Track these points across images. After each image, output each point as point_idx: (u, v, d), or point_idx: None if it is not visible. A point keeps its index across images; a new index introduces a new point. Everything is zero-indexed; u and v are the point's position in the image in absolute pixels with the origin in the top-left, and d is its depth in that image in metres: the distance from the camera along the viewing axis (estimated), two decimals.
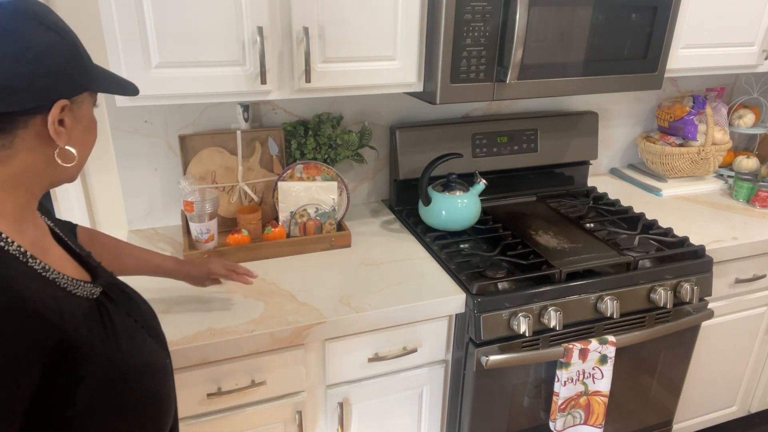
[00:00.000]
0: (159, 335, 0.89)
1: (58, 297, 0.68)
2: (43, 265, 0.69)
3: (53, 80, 0.68)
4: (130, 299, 0.86)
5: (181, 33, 1.26)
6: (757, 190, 1.98)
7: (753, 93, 2.27)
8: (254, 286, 1.44)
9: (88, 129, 0.77)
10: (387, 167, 1.96)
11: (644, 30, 1.60)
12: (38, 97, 0.67)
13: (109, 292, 0.80)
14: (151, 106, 1.61)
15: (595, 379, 1.53)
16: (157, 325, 0.92)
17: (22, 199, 0.72)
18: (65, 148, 0.72)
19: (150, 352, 0.82)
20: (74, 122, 0.73)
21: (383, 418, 1.52)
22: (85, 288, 0.75)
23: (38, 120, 0.68)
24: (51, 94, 0.68)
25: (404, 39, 1.44)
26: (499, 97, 1.52)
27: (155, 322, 0.92)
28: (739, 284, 1.84)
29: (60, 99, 0.69)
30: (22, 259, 0.67)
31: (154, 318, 0.92)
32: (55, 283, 0.70)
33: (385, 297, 1.41)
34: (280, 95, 1.41)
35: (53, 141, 0.70)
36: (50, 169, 0.73)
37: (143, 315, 0.87)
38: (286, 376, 1.35)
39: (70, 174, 0.78)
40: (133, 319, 0.82)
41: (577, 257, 1.58)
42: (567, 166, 2.07)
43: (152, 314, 0.92)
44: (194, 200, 1.50)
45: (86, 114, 0.76)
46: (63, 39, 0.70)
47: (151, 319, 0.90)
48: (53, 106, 0.68)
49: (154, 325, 0.90)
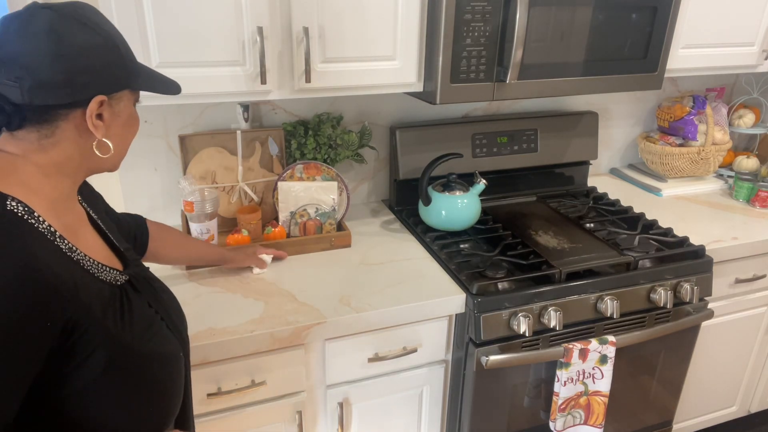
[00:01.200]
0: (178, 328, 0.93)
1: (77, 276, 0.72)
2: (70, 246, 0.74)
3: (91, 77, 0.73)
4: (156, 292, 0.91)
5: (181, 33, 1.26)
6: (757, 190, 1.98)
7: (753, 93, 2.27)
8: (254, 286, 1.44)
9: (127, 124, 0.82)
10: (387, 167, 1.96)
11: (644, 30, 1.60)
12: (77, 93, 0.72)
13: (135, 282, 0.85)
14: (151, 106, 1.60)
15: (595, 379, 1.53)
16: (180, 319, 0.96)
17: (61, 184, 0.77)
18: (102, 140, 0.77)
19: (163, 342, 0.85)
20: (113, 117, 0.78)
21: (383, 418, 1.52)
22: (110, 274, 0.80)
23: (78, 113, 0.74)
24: (89, 90, 0.73)
25: (404, 39, 1.44)
26: (499, 97, 1.52)
27: (178, 316, 0.96)
28: (739, 284, 1.84)
29: (98, 95, 0.74)
30: (50, 237, 0.71)
31: (178, 313, 0.96)
32: (79, 264, 0.75)
33: (385, 297, 1.41)
34: (280, 95, 1.41)
35: (92, 133, 0.76)
36: (89, 159, 0.78)
37: (165, 308, 0.91)
38: (286, 376, 1.35)
39: (111, 164, 0.83)
40: (154, 310, 0.86)
41: (577, 257, 1.58)
42: (567, 166, 2.07)
43: (177, 309, 0.97)
44: (194, 200, 1.50)
45: (125, 110, 0.80)
46: (104, 39, 0.74)
47: (174, 313, 0.94)
48: (91, 101, 0.73)
49: (175, 318, 0.93)
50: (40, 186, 0.74)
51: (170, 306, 0.94)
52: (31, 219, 0.70)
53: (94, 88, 0.73)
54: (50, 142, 0.74)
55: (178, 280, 1.45)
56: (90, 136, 0.76)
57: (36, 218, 0.71)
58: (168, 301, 0.95)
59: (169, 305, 0.94)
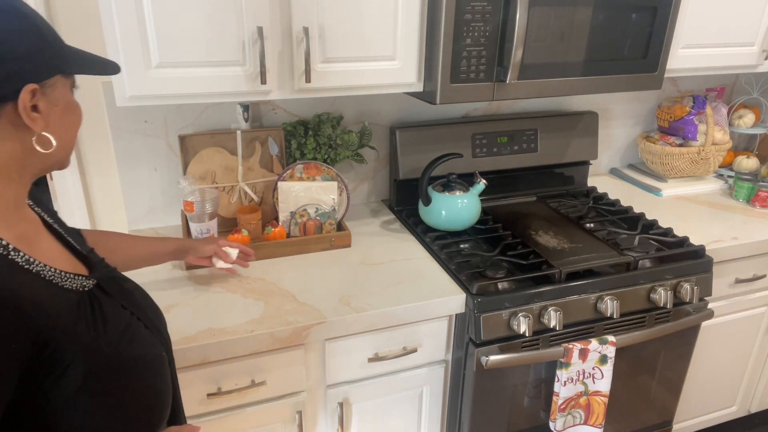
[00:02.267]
0: (158, 328, 0.89)
1: (40, 289, 0.68)
2: (27, 258, 0.69)
3: (17, 66, 0.67)
4: (128, 292, 0.86)
5: (181, 33, 1.26)
6: (757, 190, 1.98)
7: (753, 93, 2.27)
8: (254, 286, 1.44)
9: (66, 112, 0.75)
10: (387, 167, 1.96)
11: (644, 30, 1.60)
12: (4, 84, 0.66)
13: (104, 285, 0.80)
14: (151, 106, 1.61)
15: (595, 379, 1.53)
16: (158, 318, 0.92)
17: (8, 191, 0.71)
18: (43, 134, 0.71)
19: (143, 344, 0.81)
20: (49, 106, 0.71)
21: (383, 418, 1.52)
22: (75, 280, 0.75)
23: (10, 108, 0.68)
24: (17, 79, 0.67)
25: (404, 39, 1.44)
26: (499, 97, 1.52)
27: (156, 315, 0.91)
28: (739, 284, 1.84)
29: (28, 84, 0.68)
30: (3, 252, 0.67)
31: (155, 312, 0.92)
32: (40, 276, 0.70)
33: (385, 297, 1.41)
34: (280, 95, 1.41)
35: (29, 128, 0.69)
36: (32, 157, 0.72)
37: (141, 308, 0.86)
38: (286, 376, 1.35)
39: (57, 160, 0.76)
40: (129, 312, 0.82)
41: (577, 257, 1.58)
42: (567, 166, 2.07)
43: (153, 307, 0.92)
44: (194, 200, 1.50)
45: (62, 97, 0.74)
46: (23, 23, 0.69)
47: (151, 312, 0.90)
48: (22, 91, 0.67)
49: (153, 317, 0.89)
50: None
51: (146, 305, 0.90)
52: None
53: (22, 77, 0.67)
54: None
55: (178, 281, 1.45)
56: (28, 131, 0.70)
57: None
58: (143, 300, 0.90)
59: (145, 305, 0.89)
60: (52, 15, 1.44)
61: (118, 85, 1.27)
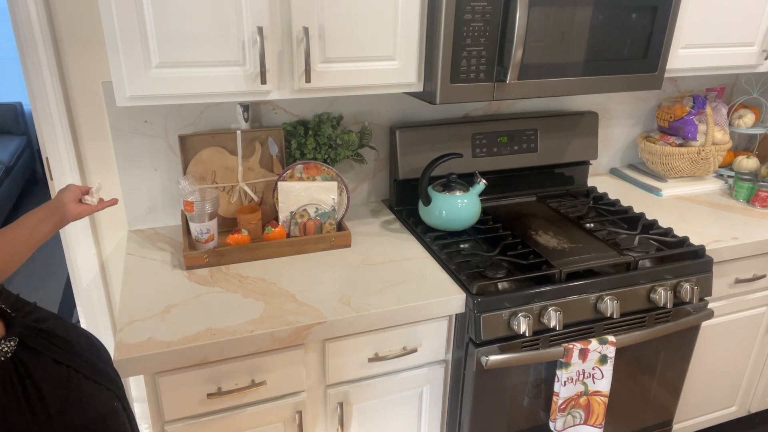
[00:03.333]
0: (102, 371, 0.79)
1: None
2: None
3: None
4: (58, 339, 0.76)
5: (181, 33, 1.26)
6: (757, 190, 1.98)
7: (753, 93, 2.27)
8: (254, 286, 1.44)
9: None
10: (387, 167, 1.96)
11: (644, 30, 1.60)
12: None
13: (28, 341, 0.71)
14: (151, 106, 1.61)
15: (595, 379, 1.53)
16: (100, 358, 0.81)
17: None
18: None
19: (91, 402, 0.73)
20: None
21: (383, 418, 1.52)
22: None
23: None
24: None
25: (404, 39, 1.44)
26: (499, 97, 1.52)
27: (97, 355, 0.81)
28: (739, 284, 1.84)
29: None
30: None
31: (94, 351, 0.81)
32: None
33: (385, 297, 1.41)
34: (280, 95, 1.41)
35: None
36: None
37: (77, 355, 0.77)
38: (286, 376, 1.35)
39: None
40: (64, 365, 0.73)
41: (577, 257, 1.58)
42: (567, 166, 2.07)
43: (91, 347, 0.81)
44: (194, 200, 1.50)
45: None
46: None
47: (91, 355, 0.80)
48: None
49: (94, 360, 0.79)
50: None
51: (83, 349, 0.79)
52: None
53: None
54: None
55: (178, 281, 1.45)
56: None
57: None
58: (78, 340, 0.79)
59: (81, 348, 0.78)
60: (52, 15, 1.44)
61: (118, 85, 1.27)
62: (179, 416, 1.29)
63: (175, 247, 1.63)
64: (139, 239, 1.67)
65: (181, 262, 1.53)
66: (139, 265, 1.52)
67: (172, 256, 1.58)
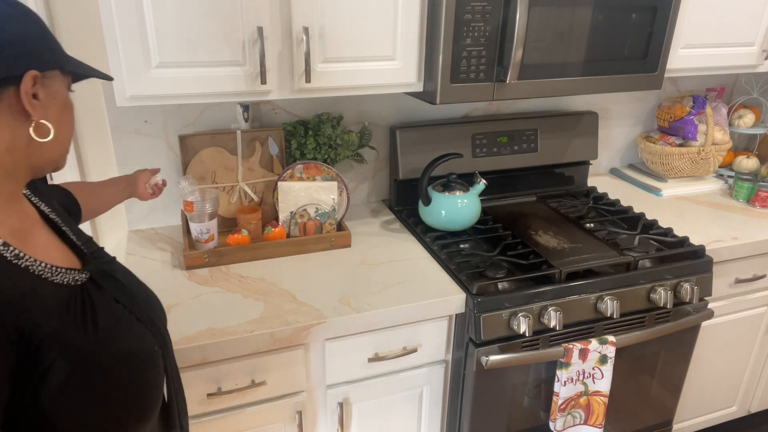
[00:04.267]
0: (152, 321, 0.89)
1: (25, 285, 0.69)
2: (17, 253, 0.70)
3: (21, 50, 0.69)
4: (121, 285, 0.86)
5: (181, 33, 1.26)
6: (757, 190, 1.98)
7: (753, 93, 2.27)
8: (254, 286, 1.44)
9: (63, 109, 0.77)
10: (387, 167, 1.96)
11: (644, 30, 1.60)
12: (7, 67, 0.68)
13: (97, 278, 0.80)
14: (151, 106, 1.61)
15: (595, 379, 1.53)
16: (153, 310, 0.91)
17: (5, 186, 0.73)
18: (41, 122, 0.72)
19: (134, 339, 0.81)
20: (48, 97, 0.73)
21: (383, 418, 1.52)
22: (66, 275, 0.75)
23: (11, 92, 0.69)
24: (19, 63, 0.69)
25: (404, 39, 1.44)
26: (499, 97, 1.52)
27: (152, 308, 0.91)
28: (739, 284, 1.84)
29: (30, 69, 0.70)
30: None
31: (151, 304, 0.92)
32: (28, 271, 0.70)
33: (385, 297, 1.41)
34: (280, 95, 1.41)
35: (28, 116, 0.71)
36: (28, 147, 0.73)
37: (135, 300, 0.87)
38: (286, 376, 1.35)
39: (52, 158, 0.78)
40: (121, 305, 0.82)
41: (577, 257, 1.58)
42: (567, 166, 2.07)
43: (149, 300, 0.92)
44: (194, 200, 1.50)
45: (60, 92, 0.76)
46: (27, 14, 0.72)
47: (147, 305, 0.90)
48: (24, 77, 0.69)
49: (147, 311, 0.89)
50: None
51: (141, 298, 0.90)
52: None
53: (24, 62, 0.70)
54: None
55: (179, 281, 1.45)
56: (26, 119, 0.71)
57: None
58: (138, 293, 0.90)
59: (140, 297, 0.89)
60: (52, 15, 1.44)
61: (118, 85, 1.27)
62: None
63: (175, 247, 1.63)
64: (139, 239, 1.67)
65: (181, 262, 1.53)
66: (139, 265, 1.52)
67: (172, 256, 1.58)
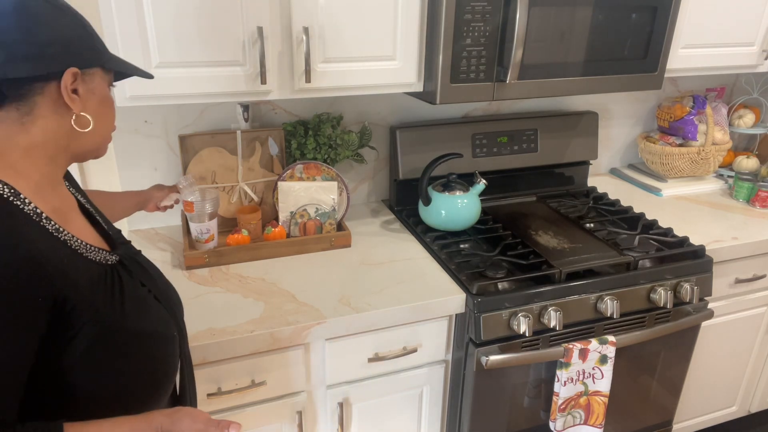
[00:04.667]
0: (173, 310, 0.94)
1: (65, 256, 0.75)
2: (57, 227, 0.76)
3: (63, 49, 0.75)
4: (147, 272, 0.92)
5: (181, 33, 1.26)
6: (757, 190, 1.98)
7: (753, 93, 2.27)
8: (254, 286, 1.44)
9: (103, 104, 0.82)
10: (387, 167, 1.96)
11: (644, 30, 1.60)
12: (49, 63, 0.73)
13: (126, 262, 0.87)
14: (151, 106, 1.60)
15: (595, 379, 1.53)
16: (174, 302, 0.97)
17: (46, 167, 0.78)
18: (81, 114, 0.78)
19: (157, 321, 0.87)
20: (88, 93, 0.79)
21: (383, 418, 1.52)
22: (99, 254, 0.81)
23: (53, 87, 0.75)
24: (60, 61, 0.74)
25: (404, 39, 1.44)
26: (499, 97, 1.52)
27: (172, 299, 0.97)
28: (739, 284, 1.84)
29: (70, 67, 0.75)
30: (35, 218, 0.74)
31: (173, 295, 0.98)
32: (66, 244, 0.76)
33: (385, 297, 1.41)
34: (280, 95, 1.41)
35: (69, 108, 0.77)
36: (69, 137, 0.79)
37: (158, 286, 0.93)
38: (286, 376, 1.35)
39: (93, 147, 0.83)
40: (147, 289, 0.88)
41: (577, 257, 1.58)
42: (567, 166, 2.07)
43: (167, 290, 0.97)
44: (194, 200, 1.50)
45: (99, 88, 0.81)
46: (70, 15, 0.78)
47: (166, 290, 0.96)
48: (65, 73, 0.74)
49: (169, 297, 0.95)
50: (26, 169, 0.76)
51: (163, 284, 0.96)
52: (17, 201, 0.73)
53: (65, 60, 0.75)
54: (30, 119, 0.75)
55: (179, 281, 1.45)
56: (67, 111, 0.77)
57: (22, 200, 0.73)
58: (162, 283, 0.96)
59: (161, 283, 0.96)
60: None
61: (118, 85, 1.27)
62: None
63: (175, 247, 1.63)
64: (139, 239, 1.67)
65: (181, 262, 1.53)
66: None
67: (172, 256, 1.58)
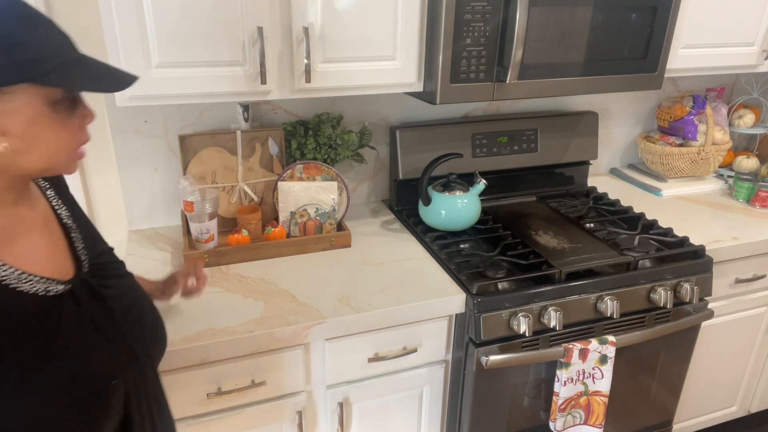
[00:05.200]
0: (130, 345, 0.84)
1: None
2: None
3: None
4: (104, 304, 0.82)
5: (181, 33, 1.26)
6: (757, 190, 1.98)
7: (753, 93, 2.27)
8: (254, 286, 1.44)
9: (34, 122, 0.70)
10: (387, 167, 1.96)
11: (644, 30, 1.60)
12: None
13: (78, 293, 0.78)
14: (151, 106, 1.61)
15: (595, 379, 1.53)
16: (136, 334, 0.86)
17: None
18: None
19: (90, 362, 0.77)
20: (5, 114, 0.68)
21: (383, 418, 1.52)
22: (38, 284, 0.73)
23: None
24: None
25: (404, 39, 1.44)
26: (499, 97, 1.52)
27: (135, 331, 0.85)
28: (739, 284, 1.84)
29: None
30: None
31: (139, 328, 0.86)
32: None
33: (385, 297, 1.41)
34: (280, 95, 1.41)
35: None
36: (3, 159, 0.70)
37: (115, 323, 0.82)
38: (286, 376, 1.35)
39: (42, 166, 0.73)
40: (94, 326, 0.78)
41: (577, 257, 1.58)
42: (567, 166, 2.07)
43: (137, 323, 0.86)
44: (194, 200, 1.50)
45: (26, 106, 0.69)
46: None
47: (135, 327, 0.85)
48: None
49: (128, 335, 0.84)
50: None
51: (133, 324, 0.85)
52: None
53: None
54: None
55: None
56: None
57: None
58: (131, 319, 0.85)
59: (131, 324, 0.84)
60: (52, 15, 1.44)
61: None
62: (179, 416, 1.29)
63: (175, 247, 1.63)
64: (139, 239, 1.67)
65: (181, 262, 1.53)
66: (139, 265, 1.52)
67: (172, 256, 1.58)
